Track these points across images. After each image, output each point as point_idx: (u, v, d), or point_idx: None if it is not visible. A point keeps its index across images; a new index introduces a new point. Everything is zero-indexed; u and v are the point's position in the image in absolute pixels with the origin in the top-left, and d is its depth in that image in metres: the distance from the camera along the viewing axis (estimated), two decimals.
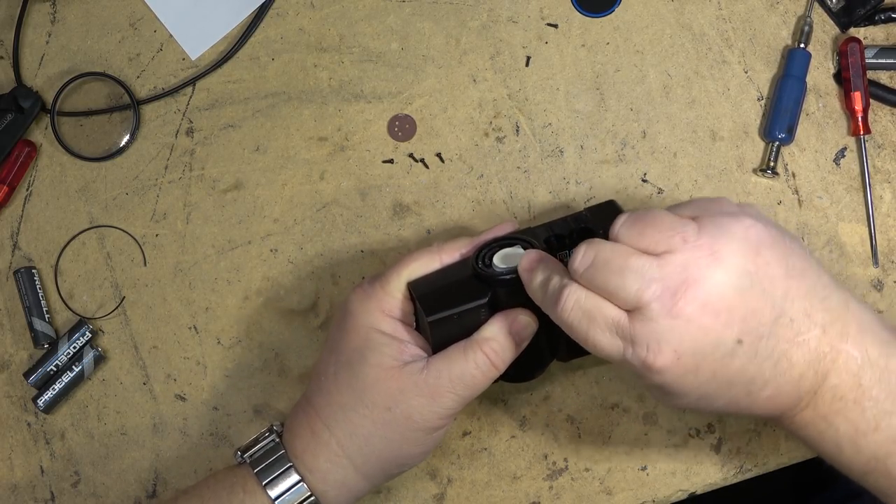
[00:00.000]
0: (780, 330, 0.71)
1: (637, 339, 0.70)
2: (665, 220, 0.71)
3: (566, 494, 0.92)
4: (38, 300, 0.92)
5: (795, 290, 0.71)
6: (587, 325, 0.71)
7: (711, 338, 0.70)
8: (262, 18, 0.95)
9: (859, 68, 0.91)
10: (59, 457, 0.93)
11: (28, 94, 0.93)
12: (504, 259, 0.80)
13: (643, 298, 0.69)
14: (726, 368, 0.71)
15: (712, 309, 0.69)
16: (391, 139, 0.94)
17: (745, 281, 0.70)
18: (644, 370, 0.71)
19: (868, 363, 0.73)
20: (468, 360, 0.78)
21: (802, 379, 0.72)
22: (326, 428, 0.80)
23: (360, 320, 0.80)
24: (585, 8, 0.94)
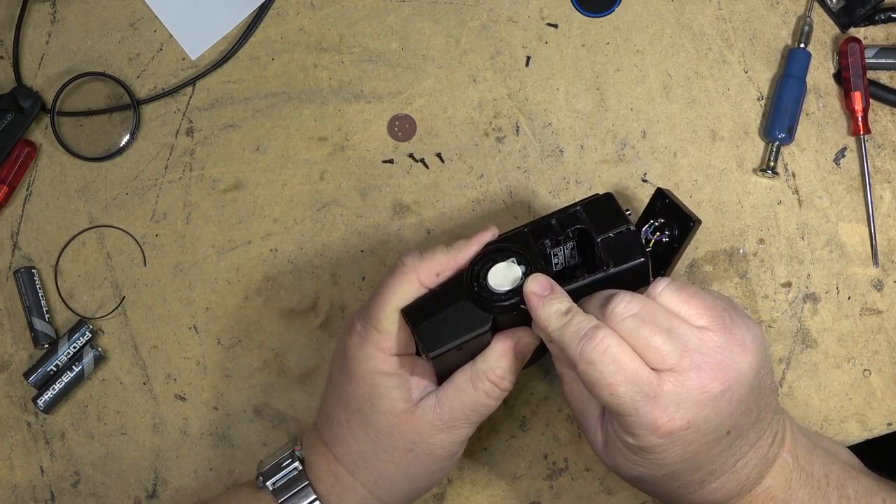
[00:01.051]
0: (752, 434, 0.76)
1: (660, 400, 0.71)
2: (708, 299, 0.74)
3: (566, 494, 0.92)
4: (38, 300, 0.92)
5: (770, 402, 0.77)
6: (614, 372, 0.71)
7: (717, 420, 0.73)
8: (262, 18, 0.95)
9: (859, 68, 0.91)
10: (59, 457, 0.93)
11: (28, 94, 0.93)
12: (499, 277, 0.77)
13: (682, 363, 0.71)
14: (708, 452, 0.74)
15: (730, 395, 0.72)
16: (391, 139, 0.94)
17: (755, 381, 0.74)
18: (648, 429, 0.72)
19: (797, 467, 0.79)
20: (478, 390, 0.79)
21: (748, 479, 0.77)
22: (350, 474, 0.81)
23: (362, 367, 0.78)
24: (585, 8, 0.94)
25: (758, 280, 0.92)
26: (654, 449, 0.73)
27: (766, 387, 0.76)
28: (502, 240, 0.79)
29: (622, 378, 0.71)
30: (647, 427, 0.72)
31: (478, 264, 0.78)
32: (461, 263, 0.78)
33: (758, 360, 0.74)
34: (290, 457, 0.82)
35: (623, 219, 0.78)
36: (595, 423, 0.77)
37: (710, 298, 0.74)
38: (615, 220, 0.78)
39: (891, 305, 0.92)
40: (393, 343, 0.78)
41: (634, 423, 0.72)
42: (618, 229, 0.78)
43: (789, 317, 0.92)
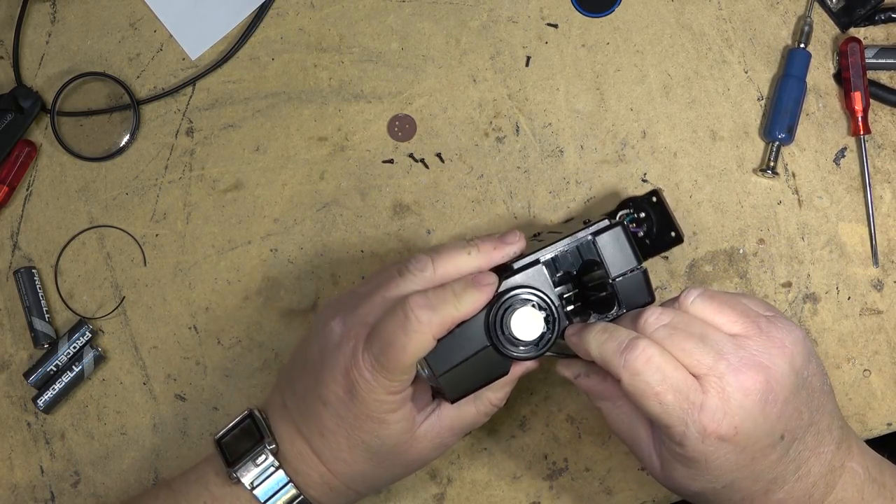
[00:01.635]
0: (810, 438, 0.75)
1: (706, 406, 0.71)
2: (741, 305, 0.74)
3: (566, 494, 0.92)
4: (38, 300, 0.92)
5: (825, 405, 0.76)
6: (659, 381, 0.72)
7: (767, 424, 0.72)
8: (262, 18, 0.95)
9: (859, 68, 0.91)
10: (59, 457, 0.93)
11: (28, 94, 0.93)
12: (522, 326, 0.77)
13: (719, 368, 0.72)
14: (764, 459, 0.73)
15: (774, 396, 0.72)
16: (391, 139, 0.94)
17: (800, 381, 0.74)
18: (697, 439, 0.72)
19: (869, 479, 0.78)
20: (479, 412, 0.81)
21: (814, 488, 0.76)
22: (345, 485, 0.81)
23: (371, 409, 0.77)
24: (585, 8, 0.94)
25: (758, 280, 0.92)
26: (707, 458, 0.73)
27: (815, 388, 0.75)
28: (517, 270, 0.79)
29: (668, 386, 0.71)
30: (697, 435, 0.72)
31: (499, 308, 0.78)
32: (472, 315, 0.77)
33: (800, 361, 0.73)
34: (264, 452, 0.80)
35: (636, 257, 0.79)
36: (648, 447, 0.78)
37: (743, 305, 0.75)
38: (629, 257, 0.79)
39: (891, 305, 0.92)
40: (404, 386, 0.77)
41: (683, 433, 0.72)
42: (630, 268, 0.79)
43: (789, 317, 0.92)
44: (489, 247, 0.78)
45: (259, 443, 0.80)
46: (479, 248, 0.78)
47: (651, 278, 0.79)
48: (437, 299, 0.75)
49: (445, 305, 0.75)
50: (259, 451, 0.80)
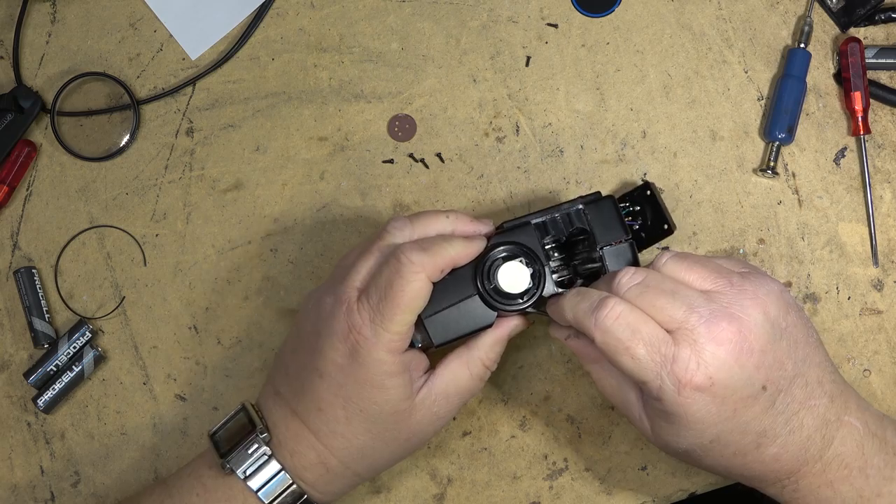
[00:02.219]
0: (797, 390, 0.75)
1: (678, 358, 0.72)
2: (712, 264, 0.76)
3: (566, 494, 0.92)
4: (38, 300, 0.92)
5: (812, 357, 0.76)
6: (629, 336, 0.73)
7: (745, 374, 0.73)
8: (262, 18, 0.95)
9: (859, 68, 0.91)
10: (59, 457, 0.93)
11: (28, 94, 0.93)
12: (509, 279, 0.80)
13: (690, 320, 0.73)
14: (747, 410, 0.74)
15: (749, 346, 0.73)
16: (391, 139, 0.94)
17: (777, 332, 0.74)
18: (673, 392, 0.73)
19: (869, 434, 0.77)
20: (473, 376, 0.81)
21: (809, 442, 0.76)
22: (342, 464, 0.81)
23: (371, 371, 0.77)
24: (585, 8, 0.94)
25: None
26: (687, 411, 0.73)
27: (798, 340, 0.75)
28: (508, 230, 0.81)
29: (638, 340, 0.73)
30: (672, 388, 0.72)
31: (487, 260, 0.80)
32: (462, 263, 0.79)
33: (774, 311, 0.74)
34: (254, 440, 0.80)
35: (624, 228, 0.82)
36: (637, 409, 0.78)
37: (716, 264, 0.76)
38: (617, 229, 0.82)
39: (891, 305, 0.92)
40: (403, 342, 0.78)
41: (660, 387, 0.73)
42: (619, 239, 0.82)
43: None
44: (465, 216, 0.81)
45: (251, 432, 0.80)
46: (456, 215, 0.81)
47: None
48: (428, 243, 0.78)
49: (438, 247, 0.77)
50: (251, 441, 0.80)
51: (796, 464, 0.76)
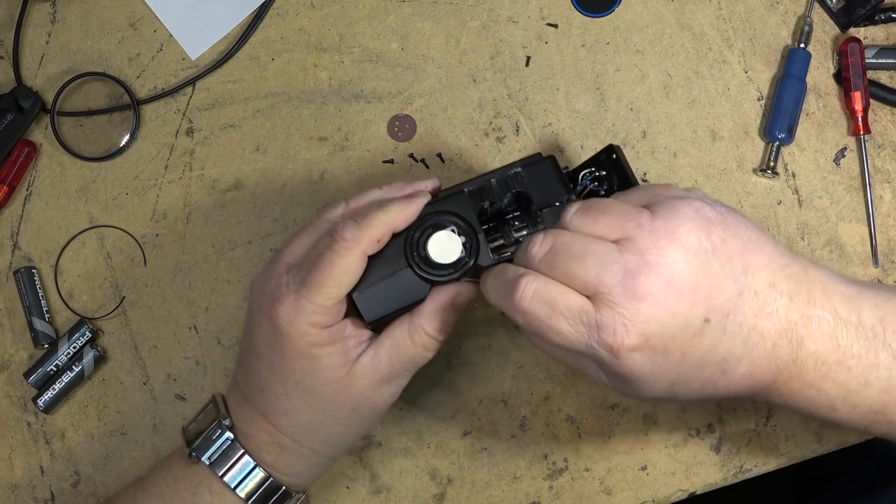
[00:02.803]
0: (746, 304, 0.71)
1: (603, 324, 0.69)
2: (618, 207, 0.72)
3: (566, 494, 0.92)
4: (38, 300, 0.92)
5: (756, 264, 0.71)
6: (548, 313, 0.70)
7: (679, 318, 0.69)
8: (262, 18, 0.95)
9: (859, 68, 0.91)
10: (59, 457, 0.93)
11: (28, 94, 0.93)
12: (440, 249, 0.77)
13: (605, 282, 0.69)
14: (696, 348, 0.70)
15: (675, 289, 0.69)
16: (391, 139, 0.94)
17: (703, 259, 0.70)
18: (611, 358, 0.70)
19: (841, 323, 0.72)
20: (416, 344, 0.78)
21: (777, 349, 0.72)
22: (296, 442, 0.80)
23: (296, 343, 0.76)
24: (585, 8, 0.94)
25: None
26: (633, 370, 0.70)
27: (732, 254, 0.71)
28: (441, 199, 0.78)
29: (558, 315, 0.70)
30: (608, 356, 0.70)
31: (417, 230, 0.77)
32: (401, 226, 0.77)
33: (694, 239, 0.70)
34: (218, 426, 0.80)
35: (565, 188, 0.78)
36: (595, 370, 0.75)
37: (620, 206, 0.72)
38: (557, 189, 0.78)
39: None
40: (329, 316, 0.76)
41: (595, 356, 0.70)
42: (559, 199, 0.78)
43: None
44: (400, 183, 0.79)
45: (214, 420, 0.80)
46: (390, 185, 0.79)
47: None
48: (361, 215, 0.76)
49: (370, 218, 0.75)
50: (214, 428, 0.80)
51: (769, 374, 0.72)
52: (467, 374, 0.92)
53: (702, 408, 0.91)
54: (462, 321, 0.84)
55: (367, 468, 0.92)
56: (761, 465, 0.91)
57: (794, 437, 0.91)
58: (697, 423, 0.91)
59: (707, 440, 0.91)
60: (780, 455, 0.91)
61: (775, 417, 0.91)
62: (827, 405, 0.74)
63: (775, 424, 0.91)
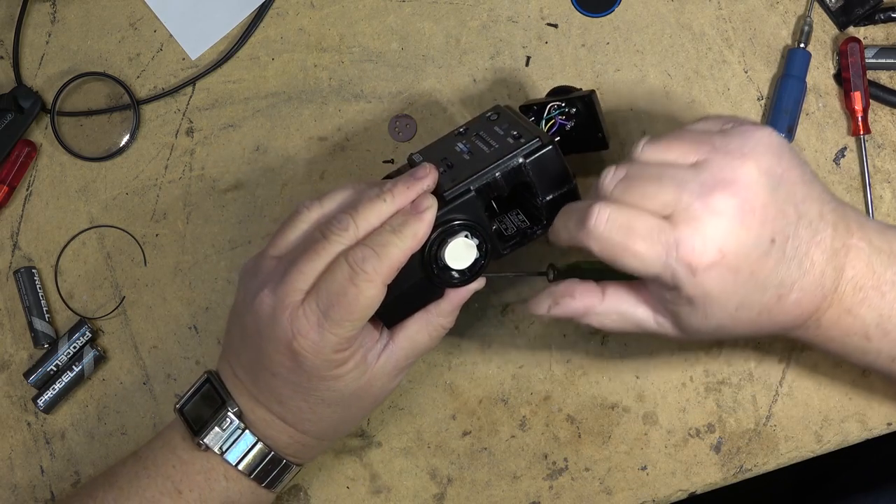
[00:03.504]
0: (802, 231, 0.74)
1: (682, 240, 0.70)
2: (690, 134, 0.74)
3: (566, 494, 0.92)
4: (38, 300, 0.92)
5: (810, 194, 0.74)
6: (625, 236, 0.71)
7: (752, 236, 0.71)
8: (262, 18, 0.95)
9: (859, 68, 0.91)
10: (59, 457, 0.93)
11: (28, 94, 0.93)
12: (456, 255, 0.79)
13: (682, 199, 0.71)
14: (762, 269, 0.72)
15: (750, 206, 0.71)
16: (391, 139, 0.94)
17: (774, 182, 0.72)
18: (688, 276, 0.71)
19: (875, 250, 0.76)
20: (432, 338, 0.81)
21: (824, 277, 0.75)
22: (317, 438, 0.82)
23: (321, 369, 0.77)
24: (585, 8, 0.94)
25: None
26: (706, 290, 0.72)
27: (795, 181, 0.73)
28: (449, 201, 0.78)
29: (635, 237, 0.71)
30: (686, 272, 0.71)
31: (434, 244, 0.78)
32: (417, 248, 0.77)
33: (766, 162, 0.72)
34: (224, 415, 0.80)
35: (567, 178, 0.79)
36: (654, 319, 0.77)
37: (692, 133, 0.74)
38: (560, 179, 0.79)
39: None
40: (353, 342, 0.77)
41: (673, 275, 0.71)
42: (562, 190, 0.80)
43: None
44: (402, 189, 0.78)
45: (221, 408, 0.80)
46: (392, 193, 0.78)
47: None
48: (378, 244, 0.76)
49: (389, 247, 0.76)
50: (223, 416, 0.80)
51: (816, 301, 0.75)
52: (467, 374, 0.92)
53: (702, 408, 0.91)
54: (462, 321, 0.84)
55: (367, 468, 0.92)
56: (761, 465, 0.91)
57: (794, 437, 0.91)
58: (697, 423, 0.91)
59: (707, 440, 0.91)
60: (780, 455, 0.91)
61: (775, 417, 0.91)
62: (861, 332, 0.77)
63: (775, 424, 0.91)
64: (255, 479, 0.81)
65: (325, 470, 0.91)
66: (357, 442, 0.92)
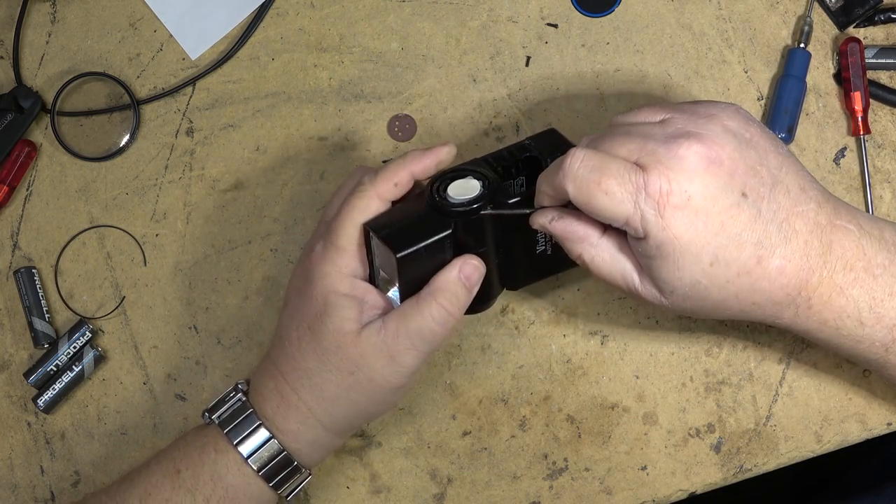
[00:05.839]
0: (780, 196, 0.75)
1: (649, 181, 0.73)
2: (664, 102, 0.78)
3: (566, 494, 0.92)
4: (38, 300, 0.92)
5: (788, 166, 0.76)
6: (597, 175, 0.74)
7: (719, 183, 0.73)
8: (262, 18, 0.95)
9: (859, 68, 0.91)
10: (59, 457, 0.93)
11: (28, 94, 0.94)
12: (458, 190, 0.80)
13: (649, 146, 0.74)
14: (734, 221, 0.74)
15: (716, 155, 0.74)
16: (391, 139, 0.94)
17: (742, 143, 0.75)
18: (656, 217, 0.73)
19: (865, 234, 0.77)
20: (423, 314, 0.79)
21: (808, 247, 0.75)
22: (294, 392, 0.81)
23: (317, 285, 0.80)
24: (585, 8, 0.94)
25: None
26: (675, 236, 0.73)
27: (767, 149, 0.76)
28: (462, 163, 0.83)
29: (607, 175, 0.74)
30: (653, 212, 0.73)
31: (437, 181, 0.81)
32: (417, 174, 0.81)
33: (734, 124, 0.75)
34: (234, 390, 0.83)
35: (568, 145, 0.83)
36: (637, 276, 0.78)
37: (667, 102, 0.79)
38: (561, 147, 0.82)
39: None
40: (350, 261, 0.80)
41: (641, 217, 0.73)
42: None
43: None
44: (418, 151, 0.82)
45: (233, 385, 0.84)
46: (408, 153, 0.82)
47: None
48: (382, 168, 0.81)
49: (389, 165, 0.81)
50: (230, 391, 0.83)
51: (802, 274, 0.75)
52: (467, 374, 0.92)
53: (702, 408, 0.91)
54: (463, 321, 0.84)
55: (367, 468, 0.92)
56: (761, 465, 0.91)
57: (794, 437, 0.91)
58: (697, 423, 0.91)
59: (707, 440, 0.91)
60: (780, 455, 0.91)
61: (775, 417, 0.91)
62: (855, 316, 0.77)
63: (775, 424, 0.91)
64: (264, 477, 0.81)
65: (325, 470, 0.91)
66: (357, 442, 0.92)
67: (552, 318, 0.92)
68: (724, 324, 0.92)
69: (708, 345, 0.92)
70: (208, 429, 0.83)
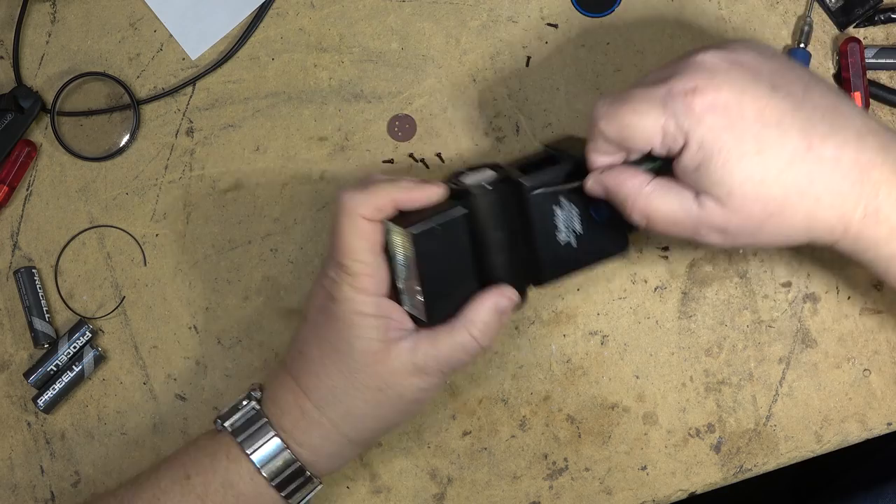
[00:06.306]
0: (815, 96, 0.74)
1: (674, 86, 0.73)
2: None
3: (566, 494, 0.92)
4: (38, 300, 0.92)
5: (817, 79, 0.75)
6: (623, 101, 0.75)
7: (745, 77, 0.73)
8: (262, 18, 0.95)
9: (859, 68, 0.91)
10: (59, 457, 0.93)
11: (28, 94, 0.94)
12: (474, 178, 0.81)
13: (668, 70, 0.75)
14: (771, 108, 0.72)
15: (735, 58, 0.74)
16: (391, 139, 0.94)
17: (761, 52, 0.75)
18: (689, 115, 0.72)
19: None
20: (456, 343, 0.79)
21: (862, 141, 0.73)
22: (317, 408, 0.81)
23: (342, 307, 0.79)
24: (585, 8, 0.94)
25: (758, 280, 0.92)
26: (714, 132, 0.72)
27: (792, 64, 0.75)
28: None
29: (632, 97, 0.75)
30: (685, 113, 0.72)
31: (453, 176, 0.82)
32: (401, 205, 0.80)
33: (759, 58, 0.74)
34: (247, 398, 0.82)
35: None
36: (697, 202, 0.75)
37: None
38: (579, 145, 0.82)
39: (891, 305, 0.92)
40: (367, 283, 0.79)
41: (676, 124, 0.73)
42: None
43: (789, 317, 0.92)
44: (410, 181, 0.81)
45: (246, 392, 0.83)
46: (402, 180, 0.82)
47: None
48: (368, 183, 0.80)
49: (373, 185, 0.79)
50: (243, 398, 0.82)
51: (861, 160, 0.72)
52: (467, 374, 0.92)
53: (702, 408, 0.91)
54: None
55: (367, 468, 0.92)
56: (761, 465, 0.91)
57: (794, 437, 0.91)
58: (697, 423, 0.91)
59: (707, 440, 0.91)
60: (780, 455, 0.91)
61: (775, 417, 0.91)
62: None
63: (775, 424, 0.91)
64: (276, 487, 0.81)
65: None
66: None
67: (552, 318, 0.92)
68: (724, 324, 0.92)
69: (708, 345, 0.92)
70: (220, 436, 0.82)
